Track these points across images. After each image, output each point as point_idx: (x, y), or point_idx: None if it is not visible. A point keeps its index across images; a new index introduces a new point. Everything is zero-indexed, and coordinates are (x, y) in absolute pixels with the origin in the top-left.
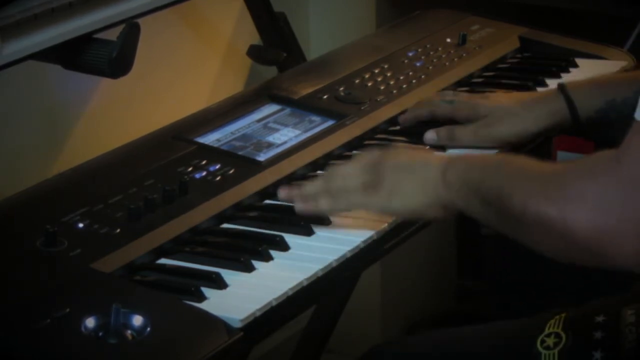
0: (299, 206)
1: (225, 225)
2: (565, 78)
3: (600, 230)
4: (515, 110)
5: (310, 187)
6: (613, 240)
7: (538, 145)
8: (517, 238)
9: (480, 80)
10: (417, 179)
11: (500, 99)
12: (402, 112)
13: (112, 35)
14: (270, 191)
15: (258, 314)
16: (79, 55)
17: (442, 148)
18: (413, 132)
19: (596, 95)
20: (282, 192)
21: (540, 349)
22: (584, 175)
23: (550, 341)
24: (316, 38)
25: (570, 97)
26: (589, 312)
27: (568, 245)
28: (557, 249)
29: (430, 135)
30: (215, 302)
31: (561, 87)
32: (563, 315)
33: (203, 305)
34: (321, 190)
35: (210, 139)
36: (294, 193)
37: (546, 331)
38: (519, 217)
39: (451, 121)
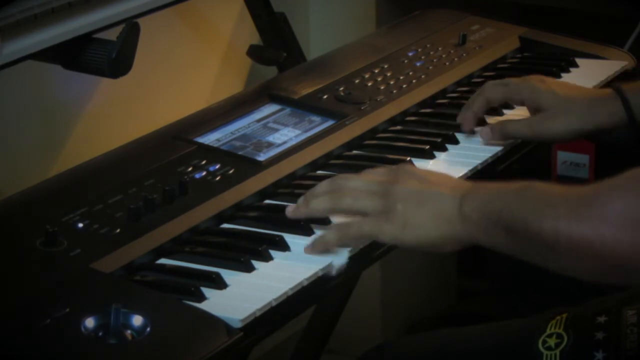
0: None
1: (225, 225)
2: (566, 78)
3: None
4: (574, 108)
5: (317, 204)
6: None
7: (538, 145)
8: (548, 265)
9: (480, 80)
10: (431, 211)
11: (555, 87)
12: (403, 112)
13: (112, 35)
14: (270, 191)
15: (258, 314)
16: (79, 55)
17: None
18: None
19: None
20: (289, 211)
21: (541, 349)
22: (621, 194)
23: (551, 341)
24: (316, 38)
25: (627, 99)
26: (591, 312)
27: (606, 266)
28: (593, 272)
29: (485, 132)
30: (215, 302)
31: (617, 89)
32: (564, 315)
33: (203, 305)
34: (329, 210)
35: (210, 139)
36: (301, 211)
37: (547, 331)
38: (551, 244)
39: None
